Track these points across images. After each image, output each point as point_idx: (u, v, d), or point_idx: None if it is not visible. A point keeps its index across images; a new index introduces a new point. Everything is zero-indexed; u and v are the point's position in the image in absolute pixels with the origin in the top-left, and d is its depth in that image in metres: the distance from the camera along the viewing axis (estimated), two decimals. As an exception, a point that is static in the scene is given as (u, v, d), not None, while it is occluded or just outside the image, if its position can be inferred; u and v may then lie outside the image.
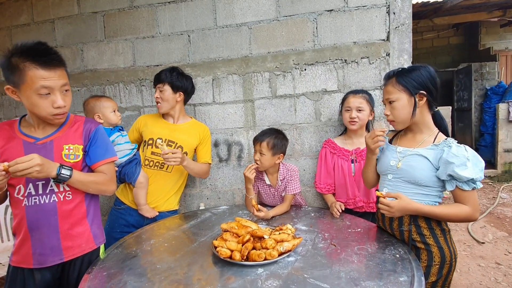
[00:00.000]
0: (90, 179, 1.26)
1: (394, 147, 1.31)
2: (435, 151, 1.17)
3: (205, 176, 2.00)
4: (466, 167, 1.08)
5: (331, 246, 1.26)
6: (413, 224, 1.22)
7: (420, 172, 1.18)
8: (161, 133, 1.89)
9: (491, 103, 6.01)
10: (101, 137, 1.33)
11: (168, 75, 1.82)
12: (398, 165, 1.24)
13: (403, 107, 1.20)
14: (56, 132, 1.24)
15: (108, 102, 1.74)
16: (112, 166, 1.37)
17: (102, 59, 2.31)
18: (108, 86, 2.29)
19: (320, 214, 1.72)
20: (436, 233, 1.19)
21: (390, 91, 1.22)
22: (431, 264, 1.18)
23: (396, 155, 1.27)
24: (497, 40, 6.65)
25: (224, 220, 1.67)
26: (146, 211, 1.81)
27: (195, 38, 2.15)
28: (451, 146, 1.14)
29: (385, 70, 1.94)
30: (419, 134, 1.25)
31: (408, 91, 1.19)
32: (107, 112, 1.72)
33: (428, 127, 1.24)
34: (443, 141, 1.18)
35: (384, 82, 1.29)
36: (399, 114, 1.22)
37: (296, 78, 2.05)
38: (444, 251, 1.18)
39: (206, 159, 1.95)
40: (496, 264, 2.59)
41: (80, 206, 1.28)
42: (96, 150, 1.30)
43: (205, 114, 2.19)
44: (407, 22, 1.92)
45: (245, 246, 1.17)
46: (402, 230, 1.25)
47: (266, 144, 1.68)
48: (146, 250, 1.33)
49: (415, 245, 1.22)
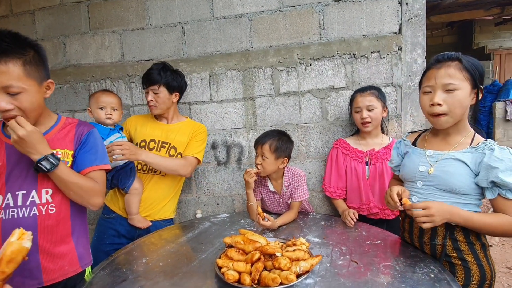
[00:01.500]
0: (75, 180, 1.07)
1: (422, 151, 1.14)
2: (474, 155, 1.02)
3: (184, 172, 1.66)
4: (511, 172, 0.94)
5: (352, 264, 1.10)
6: (449, 238, 1.06)
7: (457, 179, 1.03)
8: (154, 134, 1.71)
9: (485, 102, 6.01)
10: (93, 141, 1.17)
11: (163, 75, 1.63)
12: (430, 171, 1.08)
13: (464, 98, 1.00)
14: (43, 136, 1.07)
15: (99, 97, 1.57)
16: (103, 176, 1.20)
17: (86, 53, 2.10)
18: (93, 83, 2.08)
19: (331, 222, 1.56)
20: (475, 248, 1.04)
21: (454, 75, 0.99)
22: (468, 284, 1.03)
23: (426, 160, 1.11)
24: (491, 39, 6.68)
25: (226, 231, 1.51)
26: (138, 221, 1.63)
27: (190, 30, 1.97)
28: (493, 148, 0.99)
29: (397, 66, 1.81)
30: (455, 136, 1.08)
31: (474, 81, 1.00)
32: (94, 107, 1.57)
33: (466, 128, 1.09)
34: (482, 143, 1.03)
35: (438, 64, 1.03)
36: (458, 106, 1.00)
37: (301, 74, 1.89)
38: (484, 269, 1.03)
39: (192, 152, 1.69)
40: (507, 268, 2.49)
41: (65, 222, 1.11)
42: (85, 155, 1.14)
43: (201, 113, 2.00)
44: (420, 14, 1.78)
45: (255, 267, 1.00)
46: (435, 244, 1.09)
47: (268, 147, 1.51)
48: (138, 271, 1.14)
49: (450, 261, 1.07)
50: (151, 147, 1.69)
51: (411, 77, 1.80)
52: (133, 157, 1.50)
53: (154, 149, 1.69)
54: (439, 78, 1.01)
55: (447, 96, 1.01)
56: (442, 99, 1.01)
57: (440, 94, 1.01)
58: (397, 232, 1.66)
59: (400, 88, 1.82)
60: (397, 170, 1.28)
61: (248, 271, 1.00)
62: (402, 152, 1.26)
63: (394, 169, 1.31)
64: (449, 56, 1.03)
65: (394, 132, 1.83)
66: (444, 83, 1.00)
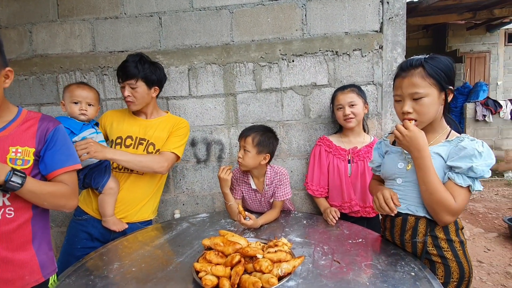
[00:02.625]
0: (47, 189, 1.00)
1: (400, 149, 1.14)
2: (448, 147, 1.04)
3: (160, 168, 1.53)
4: (471, 160, 0.96)
5: (334, 263, 1.08)
6: (429, 235, 1.07)
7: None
8: (131, 130, 1.61)
9: (457, 103, 6.31)
10: (61, 139, 1.07)
11: (140, 68, 1.51)
12: (407, 167, 1.10)
13: (432, 104, 1.02)
14: (1, 131, 0.98)
15: (74, 90, 1.44)
16: (74, 176, 1.12)
17: (54, 42, 1.94)
18: (62, 75, 1.93)
19: (313, 221, 1.54)
20: (455, 245, 1.05)
21: (418, 84, 1.01)
22: (448, 281, 1.04)
23: (404, 157, 1.12)
24: (463, 42, 7.01)
25: (205, 232, 1.44)
26: (112, 224, 1.52)
27: (168, 21, 1.87)
28: (463, 139, 1.02)
29: (378, 64, 1.82)
30: (431, 134, 1.10)
31: (440, 85, 1.01)
32: (67, 101, 1.44)
33: (442, 126, 1.11)
34: (456, 137, 1.06)
35: (403, 73, 1.05)
36: (427, 113, 1.02)
37: (283, 70, 1.86)
38: (463, 266, 1.04)
39: (169, 147, 1.57)
40: (478, 262, 2.61)
41: (25, 227, 1.02)
42: (54, 155, 1.05)
43: (180, 108, 1.92)
44: (401, 13, 1.79)
45: (235, 270, 0.95)
46: (416, 241, 1.09)
47: (251, 140, 1.46)
48: (108, 278, 1.05)
49: (430, 258, 1.07)
50: (127, 144, 1.59)
51: (392, 76, 1.79)
52: (99, 155, 1.36)
53: (131, 146, 1.58)
54: (405, 88, 1.04)
55: (415, 104, 1.03)
56: (411, 108, 1.04)
57: (409, 103, 1.04)
58: (378, 230, 1.67)
59: (381, 87, 1.83)
60: (378, 170, 1.28)
61: (228, 275, 0.95)
62: (383, 152, 1.27)
63: (375, 170, 1.31)
64: (412, 63, 1.04)
65: (375, 130, 1.85)
66: (410, 92, 1.03)
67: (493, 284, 2.29)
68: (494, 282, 2.30)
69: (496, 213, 3.76)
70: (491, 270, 2.48)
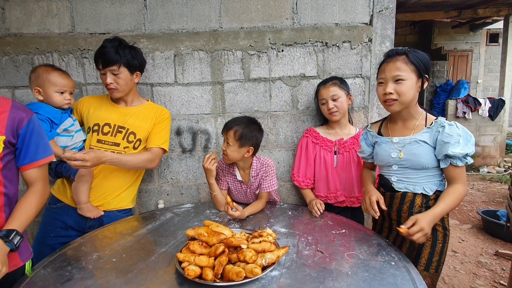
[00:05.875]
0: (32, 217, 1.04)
1: (388, 139, 1.27)
2: (431, 133, 1.18)
3: (151, 166, 1.60)
4: (459, 144, 1.11)
5: (318, 253, 1.09)
6: (424, 206, 1.21)
7: (424, 158, 1.18)
8: (109, 117, 1.54)
9: (439, 100, 6.50)
10: (36, 132, 1.05)
11: (122, 53, 1.45)
12: (400, 155, 1.22)
13: (410, 87, 1.15)
14: None
15: (59, 79, 1.39)
16: (46, 169, 1.12)
17: (30, 21, 1.82)
18: (37, 56, 1.81)
19: (298, 212, 1.55)
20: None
21: (401, 68, 1.15)
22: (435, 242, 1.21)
23: (394, 146, 1.25)
24: (447, 40, 7.17)
25: (189, 223, 1.42)
26: (87, 211, 1.48)
27: (153, 3, 1.78)
28: (444, 126, 1.15)
29: (367, 58, 1.82)
30: (411, 120, 1.24)
31: (418, 72, 1.16)
32: (50, 91, 1.37)
33: (417, 111, 1.24)
34: (434, 122, 1.19)
35: (388, 59, 1.19)
36: (406, 94, 1.15)
37: (272, 60, 1.82)
38: (446, 229, 1.23)
39: (157, 143, 1.58)
40: (453, 252, 2.74)
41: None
42: (29, 148, 1.02)
43: (165, 96, 1.85)
44: (391, 6, 1.79)
45: (218, 260, 0.94)
46: (412, 212, 1.23)
47: (233, 134, 1.43)
48: (87, 269, 1.02)
49: None
50: (105, 131, 1.52)
51: (379, 69, 1.82)
52: (98, 164, 1.37)
53: (109, 134, 1.52)
54: (389, 72, 1.17)
55: (396, 86, 1.16)
56: (392, 89, 1.16)
57: (391, 85, 1.17)
58: (362, 219, 1.72)
59: (369, 80, 1.83)
60: (370, 158, 1.40)
61: (211, 265, 0.94)
62: (371, 142, 1.37)
63: (366, 158, 1.41)
64: (397, 51, 1.19)
65: (361, 124, 1.86)
66: (393, 75, 1.16)
67: (466, 272, 2.41)
68: (466, 271, 2.43)
69: (471, 206, 3.94)
70: (465, 259, 2.61)
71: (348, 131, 1.66)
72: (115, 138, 1.52)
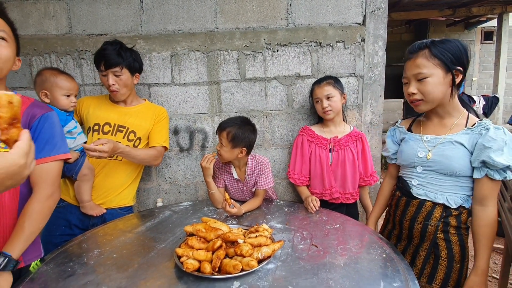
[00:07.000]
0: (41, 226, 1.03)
1: (418, 136, 1.15)
2: (471, 136, 1.03)
3: (155, 163, 1.66)
4: (503, 152, 0.94)
5: (312, 247, 1.13)
6: (442, 221, 1.10)
7: (457, 162, 1.04)
8: (109, 117, 1.58)
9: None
10: (49, 128, 1.02)
11: (124, 55, 1.50)
12: (428, 156, 1.10)
13: (437, 84, 1.02)
14: None
15: (66, 83, 1.42)
16: (54, 170, 1.05)
17: (27, 22, 1.84)
18: (35, 57, 1.83)
19: (294, 208, 1.59)
20: (462, 231, 1.11)
21: (423, 64, 1.02)
22: (451, 263, 1.11)
23: (423, 145, 1.12)
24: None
25: (187, 220, 1.45)
26: (90, 209, 1.52)
27: (150, 5, 1.81)
28: (489, 128, 0.99)
29: (360, 57, 1.85)
30: (448, 118, 1.10)
31: (446, 66, 1.01)
32: (58, 94, 1.41)
33: (457, 109, 1.09)
34: (478, 123, 1.04)
35: (411, 55, 1.06)
36: (432, 92, 1.03)
37: (268, 60, 1.86)
38: (465, 249, 1.11)
39: (160, 141, 1.64)
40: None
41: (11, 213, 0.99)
42: (36, 143, 0.99)
43: (162, 96, 1.88)
44: (383, 7, 1.83)
45: (216, 254, 0.97)
46: (427, 224, 1.12)
47: (226, 134, 1.46)
48: (88, 265, 1.05)
49: (435, 241, 1.13)
50: (105, 130, 1.56)
51: (372, 69, 1.86)
52: (113, 153, 1.42)
53: (109, 133, 1.56)
54: (409, 70, 1.07)
55: (420, 85, 1.05)
56: (415, 89, 1.06)
57: (413, 84, 1.06)
58: (356, 215, 1.76)
59: (362, 79, 1.87)
60: (394, 158, 1.29)
61: (209, 259, 0.97)
62: (397, 139, 1.28)
63: (391, 158, 1.31)
64: (419, 45, 1.06)
65: (355, 122, 1.90)
66: (414, 73, 1.05)
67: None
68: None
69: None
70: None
71: (343, 129, 1.70)
72: (115, 137, 1.55)
